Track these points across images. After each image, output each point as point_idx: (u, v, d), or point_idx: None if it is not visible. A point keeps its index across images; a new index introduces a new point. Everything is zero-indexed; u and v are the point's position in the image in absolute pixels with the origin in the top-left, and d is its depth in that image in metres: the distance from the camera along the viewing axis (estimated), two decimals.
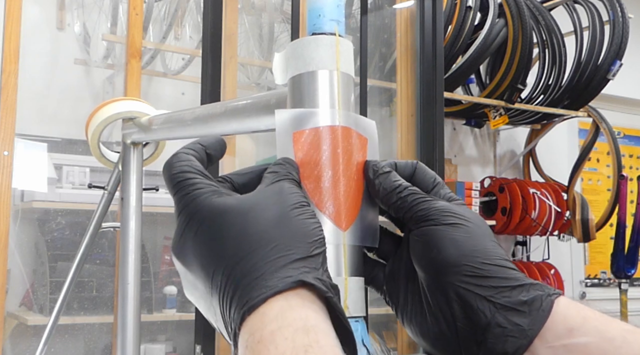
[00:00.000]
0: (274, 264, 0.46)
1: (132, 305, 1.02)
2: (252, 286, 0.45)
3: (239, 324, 0.45)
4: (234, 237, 0.47)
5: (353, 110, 0.57)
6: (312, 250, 0.48)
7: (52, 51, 3.04)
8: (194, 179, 0.53)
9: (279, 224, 0.48)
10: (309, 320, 0.44)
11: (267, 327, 0.43)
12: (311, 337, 0.43)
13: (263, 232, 0.47)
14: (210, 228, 0.49)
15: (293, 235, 0.48)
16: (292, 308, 0.44)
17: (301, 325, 0.43)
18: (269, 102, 0.63)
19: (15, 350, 2.68)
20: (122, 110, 1.02)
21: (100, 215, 1.16)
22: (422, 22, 2.57)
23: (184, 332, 3.04)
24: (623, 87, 4.04)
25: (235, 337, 0.45)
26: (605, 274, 4.55)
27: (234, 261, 0.47)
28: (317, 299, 0.46)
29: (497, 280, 0.52)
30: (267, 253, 0.46)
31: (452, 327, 0.53)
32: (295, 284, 0.45)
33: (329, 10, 0.57)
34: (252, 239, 0.47)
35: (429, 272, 0.54)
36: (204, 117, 0.77)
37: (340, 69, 0.56)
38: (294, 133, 0.56)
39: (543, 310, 0.51)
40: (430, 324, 0.54)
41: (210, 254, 0.48)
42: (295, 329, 0.43)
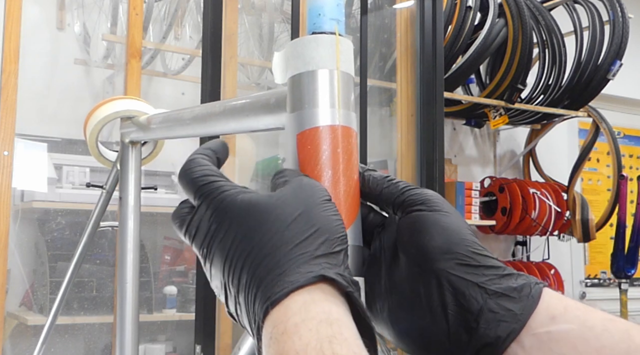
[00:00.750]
0: (297, 261, 0.47)
1: (130, 305, 1.02)
2: (275, 282, 0.46)
3: (263, 318, 0.46)
4: (260, 235, 0.49)
5: (353, 109, 0.57)
6: (334, 246, 0.49)
7: (52, 51, 3.04)
8: (219, 181, 0.54)
9: (302, 220, 0.49)
10: (332, 314, 0.45)
11: (291, 319, 0.44)
12: (334, 329, 0.44)
13: (287, 229, 0.49)
14: (241, 226, 0.50)
15: (316, 232, 0.49)
16: (315, 302, 0.45)
17: (324, 317, 0.44)
18: (268, 101, 0.63)
19: (15, 350, 2.68)
20: (121, 109, 1.02)
21: (99, 214, 1.15)
22: (422, 22, 2.57)
23: (184, 332, 3.04)
24: (623, 87, 4.04)
25: (258, 331, 0.46)
26: (605, 274, 4.55)
27: (259, 259, 0.48)
28: (338, 293, 0.47)
29: (487, 269, 0.53)
30: (290, 250, 0.48)
31: (441, 317, 0.53)
32: (316, 278, 0.46)
33: (329, 9, 0.57)
34: (276, 237, 0.48)
35: (418, 259, 0.54)
36: (203, 116, 0.77)
37: (340, 69, 0.56)
38: (297, 134, 0.56)
39: (532, 297, 0.52)
40: (416, 317, 0.54)
41: (238, 253, 0.49)
42: (319, 321, 0.44)
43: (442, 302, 0.53)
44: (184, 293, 2.97)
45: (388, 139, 3.17)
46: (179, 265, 3.08)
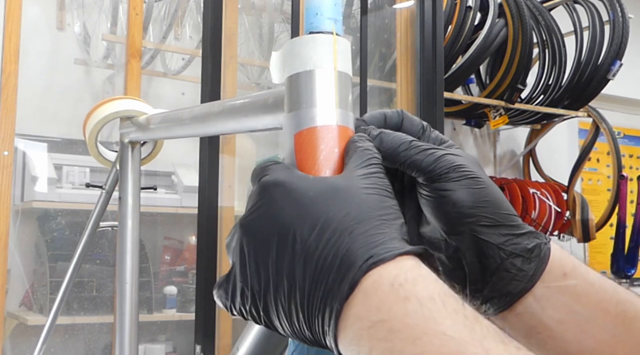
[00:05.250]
0: (388, 236, 0.46)
1: (130, 305, 1.02)
2: (372, 246, 0.45)
3: (362, 276, 0.44)
4: (341, 210, 0.47)
5: (351, 109, 0.57)
6: (404, 234, 0.49)
7: (52, 51, 3.04)
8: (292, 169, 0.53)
9: (381, 208, 0.49)
10: (441, 281, 0.45)
11: (408, 273, 0.44)
12: (448, 287, 0.45)
13: (370, 211, 0.48)
14: (303, 203, 0.48)
15: (393, 221, 0.48)
16: (420, 264, 0.46)
17: (436, 276, 0.45)
18: (266, 101, 0.63)
19: (15, 350, 2.68)
20: (120, 109, 1.02)
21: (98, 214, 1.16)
22: (422, 22, 2.57)
23: (184, 332, 3.04)
24: (623, 87, 4.04)
25: (352, 286, 0.44)
26: (605, 274, 4.53)
27: (341, 229, 0.46)
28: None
29: (507, 228, 0.58)
30: (380, 228, 0.47)
31: (460, 266, 0.59)
32: (421, 250, 0.47)
33: (327, 8, 0.57)
34: (358, 215, 0.47)
35: (442, 222, 0.58)
36: (202, 116, 0.77)
37: (338, 68, 0.56)
38: (295, 134, 0.56)
39: (543, 257, 0.58)
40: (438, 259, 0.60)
41: (308, 225, 0.47)
42: (435, 279, 0.45)
43: (463, 256, 0.58)
44: (184, 293, 2.97)
45: None
46: (179, 265, 3.08)
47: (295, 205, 0.48)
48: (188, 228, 3.11)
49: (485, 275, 0.58)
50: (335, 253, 0.45)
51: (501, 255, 0.57)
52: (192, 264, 2.98)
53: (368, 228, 0.46)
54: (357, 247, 0.45)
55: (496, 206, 0.58)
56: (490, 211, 0.57)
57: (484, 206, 0.57)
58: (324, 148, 0.55)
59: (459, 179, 0.57)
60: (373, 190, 0.49)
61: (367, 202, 0.48)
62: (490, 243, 0.57)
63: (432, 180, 0.57)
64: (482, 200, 0.57)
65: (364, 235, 0.46)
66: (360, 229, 0.46)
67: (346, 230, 0.46)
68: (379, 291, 0.43)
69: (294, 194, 0.49)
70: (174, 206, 2.92)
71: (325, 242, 0.46)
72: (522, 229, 0.58)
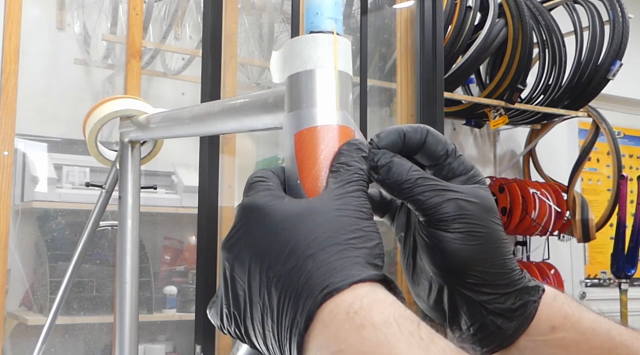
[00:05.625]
0: (350, 262, 0.46)
1: (130, 305, 1.02)
2: (331, 274, 0.45)
3: (320, 303, 0.44)
4: (306, 236, 0.47)
5: (351, 109, 0.57)
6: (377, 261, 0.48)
7: (52, 51, 3.04)
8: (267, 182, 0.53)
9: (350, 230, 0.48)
10: (397, 300, 0.45)
11: (363, 300, 0.44)
12: (408, 311, 0.44)
13: (335, 235, 0.47)
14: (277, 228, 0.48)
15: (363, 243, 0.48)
16: (378, 289, 0.45)
17: (392, 299, 0.45)
18: (266, 100, 0.63)
19: (15, 350, 2.68)
20: (120, 109, 1.02)
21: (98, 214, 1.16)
22: (422, 22, 2.57)
23: (184, 332, 3.04)
24: (623, 87, 4.04)
25: (308, 320, 0.45)
26: (605, 274, 4.54)
27: (305, 256, 0.46)
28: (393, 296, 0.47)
29: (494, 287, 0.56)
30: (343, 253, 0.47)
31: (441, 309, 0.58)
32: (378, 276, 0.46)
33: (327, 8, 0.57)
34: (324, 240, 0.47)
35: (431, 263, 0.57)
36: (202, 115, 0.77)
37: (338, 68, 0.56)
38: (295, 134, 0.56)
39: (527, 316, 0.57)
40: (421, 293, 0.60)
41: (276, 251, 0.48)
42: (391, 302, 0.44)
43: (446, 298, 0.57)
44: (184, 293, 2.97)
45: None
46: (179, 265, 3.08)
47: (267, 230, 0.49)
48: (188, 228, 3.11)
49: (463, 322, 0.57)
50: (297, 282, 0.46)
51: (482, 312, 0.56)
52: (192, 264, 2.98)
53: (331, 254, 0.46)
54: (317, 275, 0.46)
55: (489, 264, 0.56)
56: (481, 270, 0.55)
57: (475, 264, 0.55)
58: (324, 147, 0.55)
59: (457, 231, 0.55)
60: (346, 211, 0.49)
61: (336, 225, 0.48)
62: (472, 299, 0.56)
63: (429, 224, 0.55)
64: (476, 258, 0.55)
65: (326, 261, 0.46)
66: (323, 256, 0.46)
67: (310, 257, 0.46)
68: (335, 321, 0.44)
69: (267, 220, 0.49)
70: (174, 206, 2.92)
71: (290, 270, 0.46)
72: (512, 286, 0.56)
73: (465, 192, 0.56)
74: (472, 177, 0.58)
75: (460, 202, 0.55)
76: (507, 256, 0.57)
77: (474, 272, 0.55)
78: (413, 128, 0.58)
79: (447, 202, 0.55)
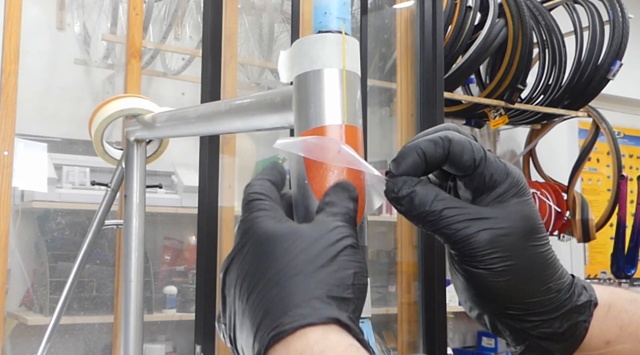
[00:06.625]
0: (309, 295, 0.44)
1: (135, 303, 1.02)
2: (285, 311, 0.43)
3: (266, 348, 0.43)
4: (277, 262, 0.45)
5: (359, 108, 0.57)
6: (346, 293, 0.45)
7: (52, 51, 3.04)
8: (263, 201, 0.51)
9: (322, 259, 0.45)
10: (354, 343, 0.42)
11: (315, 347, 0.41)
12: (362, 353, 0.41)
13: (305, 263, 0.45)
14: (258, 250, 0.47)
15: (335, 272, 0.45)
16: (332, 332, 0.42)
17: (348, 343, 0.42)
18: (274, 100, 0.63)
19: (15, 350, 2.68)
20: (126, 107, 1.02)
21: (103, 212, 1.16)
22: (422, 22, 2.57)
23: (184, 332, 3.04)
24: (623, 87, 4.04)
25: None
26: (605, 274, 4.55)
27: (271, 284, 0.45)
28: (350, 337, 0.44)
29: (537, 315, 0.52)
30: (304, 282, 0.44)
31: (484, 325, 0.55)
32: (329, 320, 0.43)
33: (335, 7, 0.57)
34: (292, 266, 0.45)
35: (471, 293, 0.53)
36: (208, 115, 0.77)
37: (346, 68, 0.56)
38: (301, 133, 0.56)
39: (578, 337, 0.53)
40: (464, 306, 0.56)
41: (252, 274, 0.46)
42: (346, 346, 0.41)
43: (487, 324, 0.54)
44: (184, 293, 2.97)
45: (388, 139, 3.17)
46: (179, 265, 3.08)
47: (253, 252, 0.47)
48: (188, 228, 3.11)
49: (510, 341, 0.54)
50: (257, 312, 0.44)
51: (525, 337, 0.52)
52: (192, 264, 2.98)
53: (294, 284, 0.44)
54: (274, 309, 0.44)
55: (530, 294, 0.51)
56: (520, 300, 0.51)
57: (514, 297, 0.51)
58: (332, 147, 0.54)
59: (490, 267, 0.50)
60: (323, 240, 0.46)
61: (311, 254, 0.45)
62: (514, 326, 0.52)
63: (460, 259, 0.51)
64: (514, 291, 0.51)
65: (287, 293, 0.44)
66: (287, 286, 0.44)
67: (276, 285, 0.45)
68: None
69: (253, 243, 0.47)
70: (174, 206, 2.92)
71: (255, 297, 0.45)
72: (558, 310, 0.52)
73: (497, 218, 0.51)
74: (509, 190, 0.52)
75: (492, 231, 0.50)
76: (551, 279, 0.52)
77: (514, 305, 0.51)
78: (433, 142, 0.52)
79: (477, 234, 0.50)
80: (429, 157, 0.51)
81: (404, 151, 0.52)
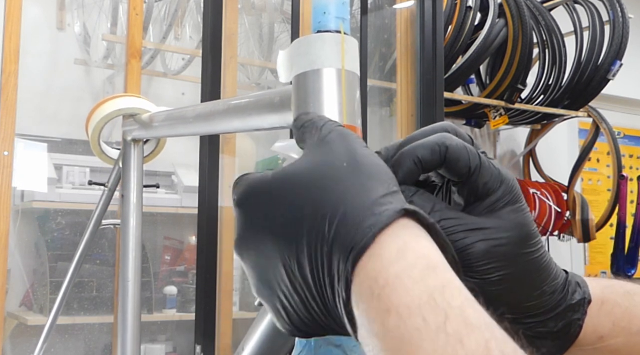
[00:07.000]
0: (366, 204, 0.42)
1: (132, 303, 1.02)
2: (352, 231, 0.41)
3: (351, 271, 0.41)
4: (313, 194, 0.44)
5: (358, 108, 0.57)
6: (392, 186, 0.44)
7: (52, 51, 3.04)
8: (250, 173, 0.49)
9: (353, 169, 0.44)
10: (431, 257, 0.41)
11: (390, 269, 0.40)
12: (440, 276, 0.39)
13: (339, 180, 0.44)
14: (282, 196, 0.45)
15: (370, 175, 0.44)
16: (408, 245, 0.41)
17: (425, 263, 0.40)
18: (272, 100, 0.63)
19: (15, 350, 2.68)
20: (123, 107, 1.02)
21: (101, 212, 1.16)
22: (422, 22, 2.57)
23: (184, 332, 3.04)
24: (623, 87, 4.04)
25: (347, 293, 0.41)
26: (605, 274, 4.54)
27: (321, 215, 0.43)
28: (421, 227, 0.43)
29: (532, 317, 0.53)
30: (355, 196, 0.43)
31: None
32: (398, 214, 0.42)
33: (335, 7, 0.57)
34: (331, 190, 0.43)
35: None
36: (206, 114, 0.77)
37: (346, 67, 0.56)
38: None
39: (572, 335, 0.54)
40: None
41: (292, 221, 0.44)
42: (422, 269, 0.40)
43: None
44: (184, 293, 2.97)
45: (388, 139, 3.17)
46: (179, 265, 3.08)
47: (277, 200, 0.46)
48: (188, 228, 3.11)
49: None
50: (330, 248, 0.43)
51: (523, 334, 0.51)
52: (192, 264, 2.98)
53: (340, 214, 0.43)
54: (343, 229, 0.42)
55: (525, 298, 0.52)
56: (515, 305, 0.52)
57: (509, 301, 0.51)
58: None
59: (485, 277, 0.50)
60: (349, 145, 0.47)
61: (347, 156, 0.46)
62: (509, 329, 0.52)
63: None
64: (509, 294, 0.51)
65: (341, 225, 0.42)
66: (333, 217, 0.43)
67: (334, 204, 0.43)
68: (363, 298, 0.41)
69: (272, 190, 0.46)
70: (174, 206, 2.92)
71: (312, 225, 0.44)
72: (552, 311, 0.53)
73: (493, 228, 0.50)
74: (502, 197, 0.52)
75: (488, 242, 0.50)
76: (545, 282, 0.52)
77: (509, 308, 0.51)
78: (430, 149, 0.51)
79: (474, 246, 0.50)
80: (425, 164, 0.51)
81: (401, 159, 0.52)
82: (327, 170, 0.45)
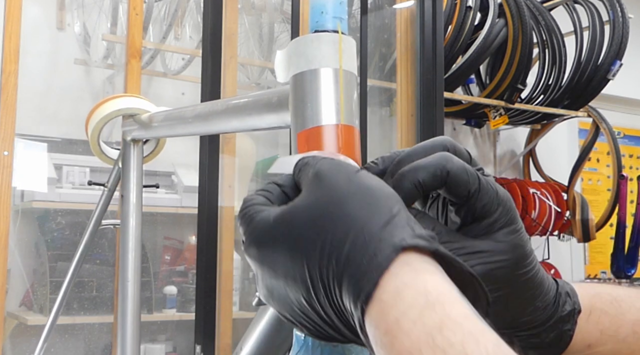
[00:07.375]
0: (365, 240, 0.42)
1: (132, 303, 1.02)
2: (356, 274, 0.42)
3: (363, 321, 0.42)
4: (314, 236, 0.44)
5: (356, 108, 0.57)
6: (392, 209, 0.44)
7: (52, 51, 3.04)
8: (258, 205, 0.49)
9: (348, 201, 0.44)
10: (430, 293, 0.40)
11: (390, 315, 0.40)
12: (439, 312, 0.39)
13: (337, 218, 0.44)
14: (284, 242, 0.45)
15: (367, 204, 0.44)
16: (406, 284, 0.41)
17: (423, 301, 0.40)
18: (270, 100, 0.63)
19: (15, 350, 2.68)
20: (123, 107, 1.02)
21: (100, 212, 1.16)
22: (422, 22, 2.57)
23: (184, 332, 3.04)
24: (623, 87, 4.04)
25: (366, 337, 0.42)
26: (605, 274, 4.54)
27: (327, 255, 0.43)
28: (423, 255, 0.43)
29: (524, 330, 0.54)
30: (356, 236, 0.43)
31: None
32: (395, 253, 0.42)
33: (332, 7, 0.57)
34: (331, 231, 0.44)
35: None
36: (205, 114, 0.77)
37: (343, 67, 0.56)
38: (298, 133, 0.56)
39: (562, 345, 0.55)
40: None
41: (300, 268, 0.45)
42: (420, 309, 0.40)
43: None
44: (184, 293, 2.97)
45: (388, 139, 3.17)
46: (179, 265, 3.08)
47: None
48: (188, 228, 3.11)
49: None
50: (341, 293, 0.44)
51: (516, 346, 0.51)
52: (192, 264, 2.98)
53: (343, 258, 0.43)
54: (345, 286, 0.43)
55: (519, 315, 0.53)
56: (510, 321, 0.53)
57: (503, 318, 0.52)
58: (328, 147, 0.54)
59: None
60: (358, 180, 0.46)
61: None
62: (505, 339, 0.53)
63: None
64: (504, 316, 0.52)
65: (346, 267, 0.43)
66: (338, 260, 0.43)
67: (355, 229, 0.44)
68: (372, 341, 0.41)
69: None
70: (174, 206, 2.92)
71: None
72: (544, 324, 0.54)
73: (490, 251, 0.51)
74: (499, 219, 0.52)
75: (486, 266, 0.50)
76: (538, 298, 0.53)
77: (504, 324, 0.53)
78: (432, 174, 0.51)
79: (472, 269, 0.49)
80: (425, 188, 0.51)
81: (402, 181, 0.51)
82: (323, 209, 0.45)
